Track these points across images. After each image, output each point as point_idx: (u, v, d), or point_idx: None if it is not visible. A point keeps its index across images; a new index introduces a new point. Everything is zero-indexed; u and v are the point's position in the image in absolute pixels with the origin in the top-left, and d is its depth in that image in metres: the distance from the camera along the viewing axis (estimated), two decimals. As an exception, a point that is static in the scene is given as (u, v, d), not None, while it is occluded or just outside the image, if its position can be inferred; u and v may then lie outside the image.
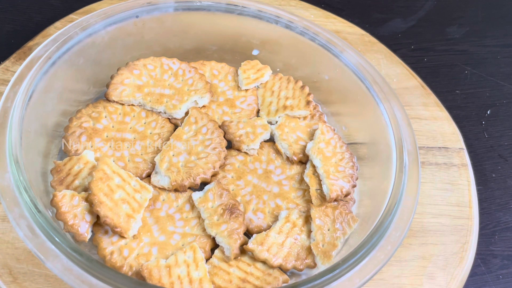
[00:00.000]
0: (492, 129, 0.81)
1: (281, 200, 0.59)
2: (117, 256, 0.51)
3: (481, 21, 0.99)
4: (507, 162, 0.77)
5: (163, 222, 0.55)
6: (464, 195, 0.66)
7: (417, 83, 0.79)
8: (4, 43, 0.80)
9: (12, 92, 0.54)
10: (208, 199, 0.56)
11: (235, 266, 0.52)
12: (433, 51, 0.92)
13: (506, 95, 0.86)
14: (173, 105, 0.64)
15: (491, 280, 0.64)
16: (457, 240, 0.62)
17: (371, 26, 0.91)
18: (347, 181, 0.59)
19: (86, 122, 0.61)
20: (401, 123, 0.59)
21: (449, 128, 0.74)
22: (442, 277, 0.59)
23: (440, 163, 0.69)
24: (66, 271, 0.44)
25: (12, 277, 0.53)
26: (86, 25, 0.63)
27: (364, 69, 0.65)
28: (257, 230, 0.56)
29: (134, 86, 0.65)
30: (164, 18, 0.68)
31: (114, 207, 0.52)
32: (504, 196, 0.73)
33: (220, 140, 0.61)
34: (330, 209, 0.57)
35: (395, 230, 0.50)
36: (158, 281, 0.49)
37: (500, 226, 0.69)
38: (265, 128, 0.64)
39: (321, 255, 0.53)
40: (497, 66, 0.91)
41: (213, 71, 0.70)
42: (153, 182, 0.58)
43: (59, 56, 0.60)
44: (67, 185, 0.55)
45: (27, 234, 0.46)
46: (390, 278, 0.58)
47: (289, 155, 0.62)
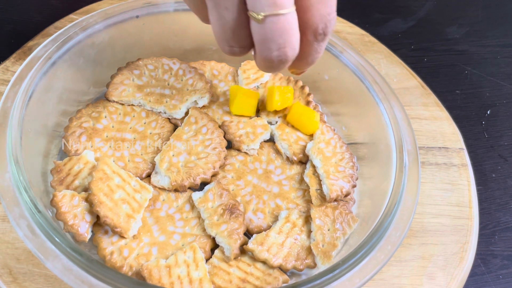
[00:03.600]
0: (492, 129, 0.81)
1: (281, 200, 0.59)
2: (117, 256, 0.51)
3: (481, 21, 0.99)
4: (507, 162, 0.77)
5: (163, 222, 0.55)
6: (464, 195, 0.66)
7: (417, 83, 0.79)
8: (4, 43, 0.80)
9: (12, 92, 0.54)
10: (208, 199, 0.56)
11: (235, 266, 0.52)
12: (433, 51, 0.92)
13: (506, 95, 0.86)
14: (173, 105, 0.64)
15: (491, 280, 0.64)
16: (457, 240, 0.62)
17: (371, 26, 0.90)
18: (347, 181, 0.59)
19: (86, 122, 0.61)
20: (401, 123, 0.60)
21: (449, 128, 0.74)
22: (442, 277, 0.59)
23: (440, 163, 0.69)
24: (66, 271, 0.44)
25: (12, 277, 0.53)
26: (86, 25, 0.63)
27: (364, 69, 0.65)
28: (257, 230, 0.56)
29: (134, 86, 0.65)
30: (164, 18, 0.68)
31: (114, 207, 0.52)
32: (504, 196, 0.73)
33: (220, 140, 0.61)
34: (330, 209, 0.57)
35: (395, 230, 0.51)
36: (158, 281, 0.49)
37: (500, 226, 0.69)
38: (265, 128, 0.64)
39: (321, 255, 0.53)
40: (497, 66, 0.91)
41: (213, 71, 0.70)
42: (153, 182, 0.58)
43: (59, 56, 0.60)
44: (67, 185, 0.55)
45: (27, 234, 0.46)
46: (390, 278, 0.58)
47: (289, 155, 0.62)
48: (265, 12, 0.42)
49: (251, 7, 0.43)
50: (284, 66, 0.47)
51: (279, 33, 0.43)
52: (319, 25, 0.45)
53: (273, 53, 0.44)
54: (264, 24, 0.43)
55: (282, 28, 0.43)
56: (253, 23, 0.44)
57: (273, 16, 0.42)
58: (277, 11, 0.42)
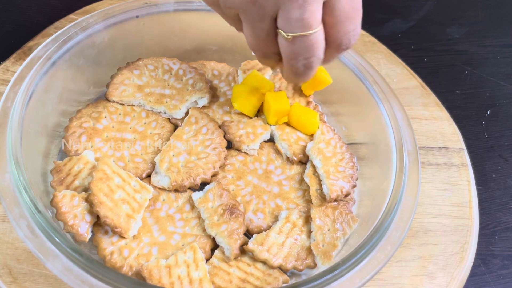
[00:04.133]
0: (492, 129, 0.81)
1: (281, 200, 0.59)
2: (117, 256, 0.51)
3: (481, 21, 0.99)
4: (507, 162, 0.77)
5: (163, 222, 0.55)
6: (464, 195, 0.66)
7: (417, 83, 0.79)
8: (4, 43, 0.80)
9: (12, 92, 0.54)
10: (208, 199, 0.56)
11: (235, 266, 0.52)
12: (433, 51, 0.92)
13: (506, 95, 0.86)
14: (173, 105, 0.64)
15: (491, 280, 0.64)
16: (457, 240, 0.62)
17: (371, 26, 0.90)
18: (347, 181, 0.59)
19: (86, 122, 0.61)
20: (401, 123, 0.59)
21: (449, 128, 0.74)
22: (442, 277, 0.59)
23: (440, 163, 0.69)
24: (66, 271, 0.44)
25: (12, 277, 0.53)
26: (86, 25, 0.63)
27: (364, 69, 0.65)
28: (257, 230, 0.56)
29: (134, 86, 0.65)
30: (164, 18, 0.68)
31: (114, 207, 0.52)
32: (504, 196, 0.73)
33: (220, 140, 0.61)
34: (330, 209, 0.57)
35: (395, 230, 0.50)
36: (158, 281, 0.49)
37: (500, 226, 0.69)
38: (265, 128, 0.64)
39: (321, 255, 0.53)
40: (497, 66, 0.91)
41: (213, 71, 0.70)
42: (153, 182, 0.57)
43: (59, 56, 0.60)
44: (67, 185, 0.55)
45: (27, 234, 0.46)
46: (390, 278, 0.58)
47: (289, 155, 0.62)
48: (294, 33, 0.45)
49: (281, 27, 0.46)
50: (310, 74, 0.50)
51: (307, 49, 0.47)
52: (343, 40, 0.48)
53: (299, 63, 0.48)
54: (292, 42, 0.46)
55: (309, 46, 0.46)
56: (282, 41, 0.47)
57: (301, 36, 0.45)
58: (305, 32, 0.45)
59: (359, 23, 0.48)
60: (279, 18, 0.46)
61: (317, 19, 0.45)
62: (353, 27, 0.48)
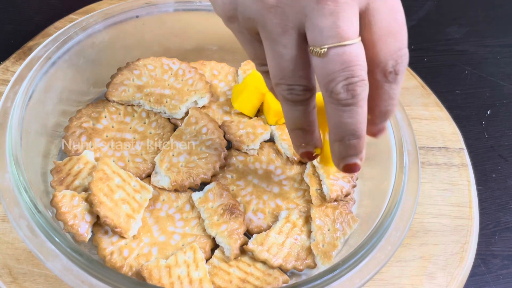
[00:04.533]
0: (492, 129, 0.81)
1: (281, 200, 0.59)
2: (117, 256, 0.51)
3: (481, 21, 0.99)
4: (507, 162, 0.77)
5: (163, 222, 0.55)
6: (464, 195, 0.66)
7: (417, 83, 0.79)
8: (4, 43, 0.80)
9: (12, 92, 0.54)
10: (208, 199, 0.56)
11: (235, 266, 0.52)
12: (433, 51, 0.92)
13: (506, 95, 0.86)
14: (173, 105, 0.64)
15: (491, 280, 0.64)
16: (457, 240, 0.62)
17: (371, 26, 0.90)
18: (347, 181, 0.59)
19: (86, 122, 0.61)
20: (401, 123, 0.59)
21: (449, 128, 0.74)
22: (442, 277, 0.59)
23: (440, 163, 0.69)
24: (66, 271, 0.44)
25: (12, 277, 0.53)
26: (86, 25, 0.62)
27: (364, 69, 0.64)
28: (257, 230, 0.56)
29: (134, 86, 0.65)
30: (164, 18, 0.68)
31: (114, 207, 0.52)
32: (504, 196, 0.73)
33: (220, 140, 0.61)
34: (330, 209, 0.57)
35: (395, 230, 0.50)
36: (158, 281, 0.49)
37: (500, 226, 0.69)
38: (265, 128, 0.64)
39: (321, 255, 0.53)
40: (497, 66, 0.91)
41: (213, 71, 0.70)
42: (153, 182, 0.57)
43: (59, 56, 0.60)
44: (67, 185, 0.55)
45: (27, 234, 0.46)
46: (390, 278, 0.58)
47: (289, 156, 0.62)
48: (328, 44, 0.37)
49: (311, 41, 0.38)
50: (361, 106, 0.39)
51: (345, 65, 0.37)
52: (389, 61, 0.40)
53: (339, 85, 0.38)
54: (327, 57, 0.37)
55: (347, 61, 0.37)
56: (315, 60, 0.38)
57: (337, 47, 0.37)
58: (341, 42, 0.37)
59: (405, 41, 0.40)
60: (308, 30, 0.38)
61: (354, 28, 0.37)
62: (398, 44, 0.39)
